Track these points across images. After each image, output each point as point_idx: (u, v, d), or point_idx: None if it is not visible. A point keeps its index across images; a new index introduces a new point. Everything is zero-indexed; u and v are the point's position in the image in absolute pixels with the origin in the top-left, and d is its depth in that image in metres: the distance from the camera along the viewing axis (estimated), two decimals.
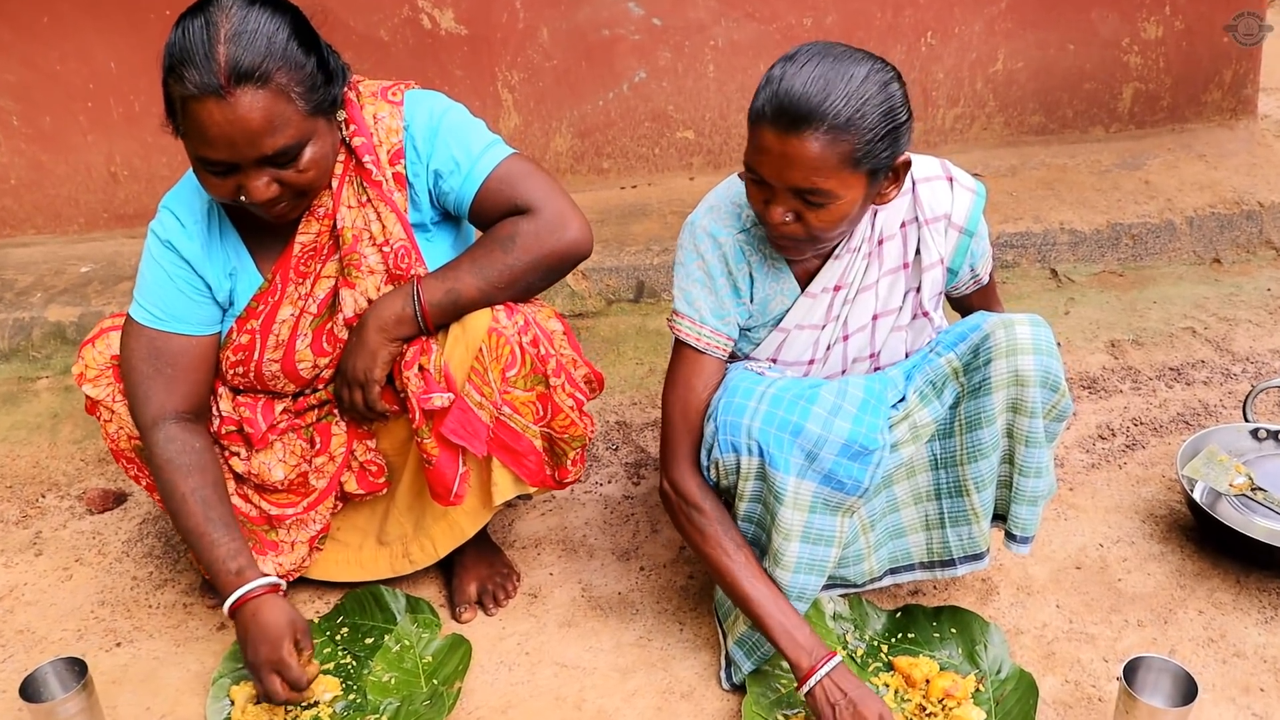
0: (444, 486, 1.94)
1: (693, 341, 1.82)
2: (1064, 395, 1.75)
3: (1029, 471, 1.80)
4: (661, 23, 3.17)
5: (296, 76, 1.65)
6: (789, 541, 1.75)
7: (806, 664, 1.72)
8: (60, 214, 3.41)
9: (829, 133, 1.53)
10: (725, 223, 1.79)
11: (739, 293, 1.82)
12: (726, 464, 1.75)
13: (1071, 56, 3.20)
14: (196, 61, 1.58)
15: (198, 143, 1.65)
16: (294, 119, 1.67)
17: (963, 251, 1.84)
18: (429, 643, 2.03)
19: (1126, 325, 2.78)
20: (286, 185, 1.71)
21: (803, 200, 1.60)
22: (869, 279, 1.82)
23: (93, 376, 1.98)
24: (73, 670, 1.88)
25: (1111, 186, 3.09)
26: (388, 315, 1.85)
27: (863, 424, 1.72)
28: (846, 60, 1.57)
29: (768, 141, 1.57)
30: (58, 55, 3.19)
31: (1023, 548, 1.87)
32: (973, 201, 1.82)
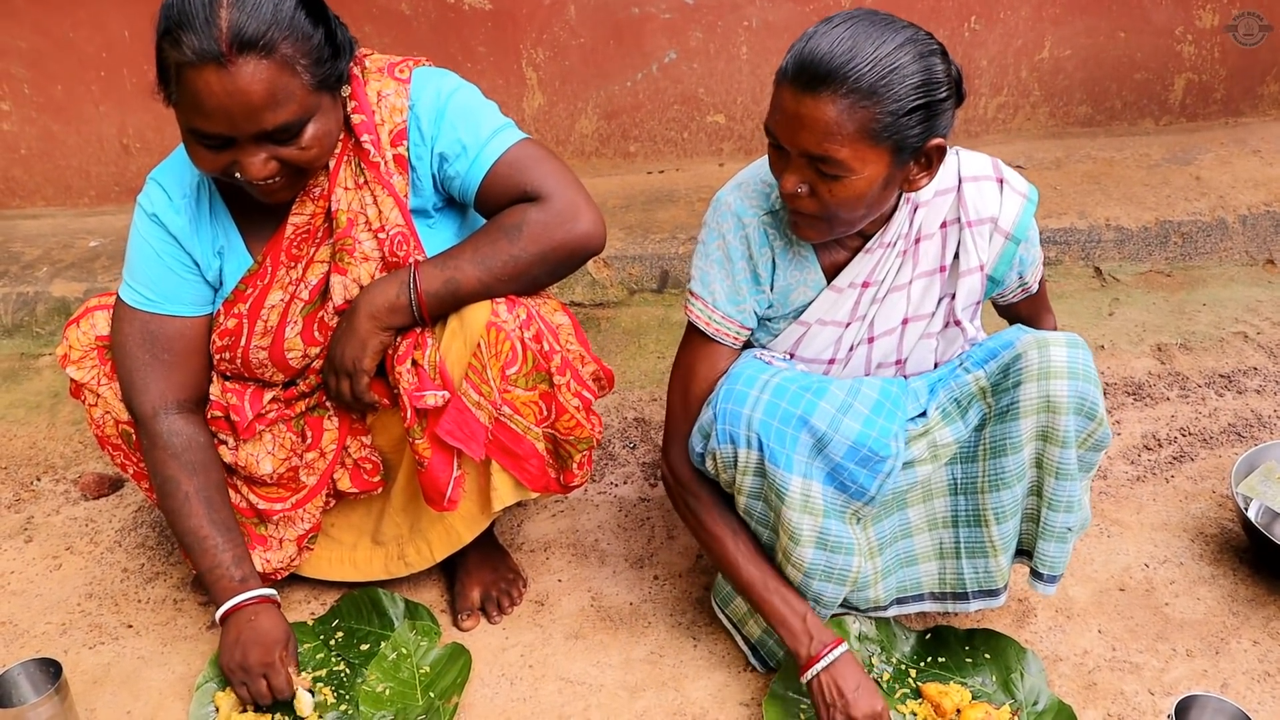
0: (437, 491, 1.82)
1: (702, 326, 1.71)
2: (1101, 424, 1.60)
3: (1058, 506, 1.65)
4: (694, 2, 3.03)
5: (303, 48, 1.53)
6: (799, 546, 1.62)
7: (806, 653, 1.65)
8: (70, 186, 3.31)
9: (848, 97, 1.41)
10: (752, 201, 1.66)
11: (758, 279, 1.68)
12: (724, 456, 1.62)
13: (1122, 45, 3.04)
14: (196, 26, 1.46)
15: (191, 113, 1.53)
16: (297, 93, 1.54)
17: (1008, 259, 1.69)
18: (427, 652, 1.92)
19: (1174, 328, 2.63)
20: (285, 163, 1.59)
21: (817, 170, 1.47)
22: (901, 279, 1.68)
23: (77, 358, 1.89)
24: (46, 672, 1.80)
25: (1161, 182, 2.93)
26: (380, 302, 1.72)
27: (874, 427, 1.58)
28: (884, 26, 1.44)
29: (784, 101, 1.46)
30: (70, 22, 3.09)
31: (1049, 587, 1.74)
32: (1022, 207, 1.66)
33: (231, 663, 1.78)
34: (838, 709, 1.61)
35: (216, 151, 1.57)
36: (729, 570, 1.72)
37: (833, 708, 1.61)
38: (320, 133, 1.61)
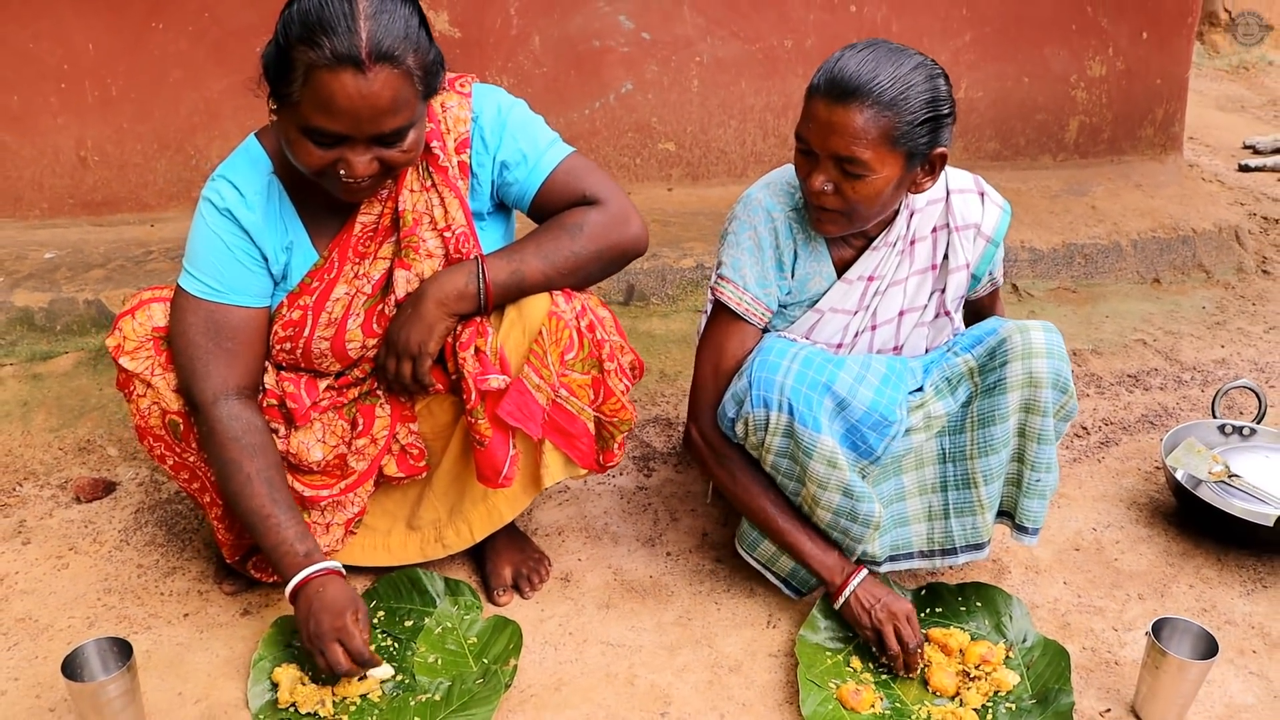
0: (494, 469, 1.96)
1: (733, 305, 1.94)
2: (1071, 397, 1.92)
3: (1040, 467, 1.95)
4: (650, 37, 3.28)
5: (421, 62, 1.69)
6: (826, 491, 1.87)
7: (838, 579, 1.93)
8: (22, 197, 3.28)
9: (873, 107, 1.70)
10: (779, 199, 1.93)
11: (782, 267, 1.94)
12: (757, 418, 1.86)
13: (1026, 89, 3.45)
14: (338, 31, 1.59)
15: (315, 111, 1.64)
16: (412, 101, 1.70)
17: (988, 259, 2.00)
18: (471, 624, 2.04)
19: (1085, 336, 3.00)
20: (385, 164, 1.74)
21: (842, 170, 1.75)
22: (900, 274, 1.96)
23: (131, 349, 1.92)
24: (114, 650, 1.84)
25: (1063, 210, 3.34)
26: (450, 289, 1.87)
27: (884, 395, 1.86)
28: (899, 52, 1.75)
29: (817, 110, 1.74)
30: (30, 33, 3.09)
31: (1032, 539, 2.03)
32: (1000, 216, 1.99)
33: (307, 635, 1.83)
34: (877, 609, 1.89)
35: (326, 148, 1.69)
36: (761, 517, 1.96)
37: (871, 610, 1.89)
38: (418, 138, 1.76)
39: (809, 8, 3.28)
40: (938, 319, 2.02)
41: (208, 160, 3.27)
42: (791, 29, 3.30)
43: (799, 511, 1.96)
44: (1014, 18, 3.34)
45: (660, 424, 2.75)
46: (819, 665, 1.93)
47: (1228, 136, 4.64)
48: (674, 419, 2.76)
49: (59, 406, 2.80)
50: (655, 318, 3.15)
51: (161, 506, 2.45)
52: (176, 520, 2.40)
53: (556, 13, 3.24)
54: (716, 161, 3.47)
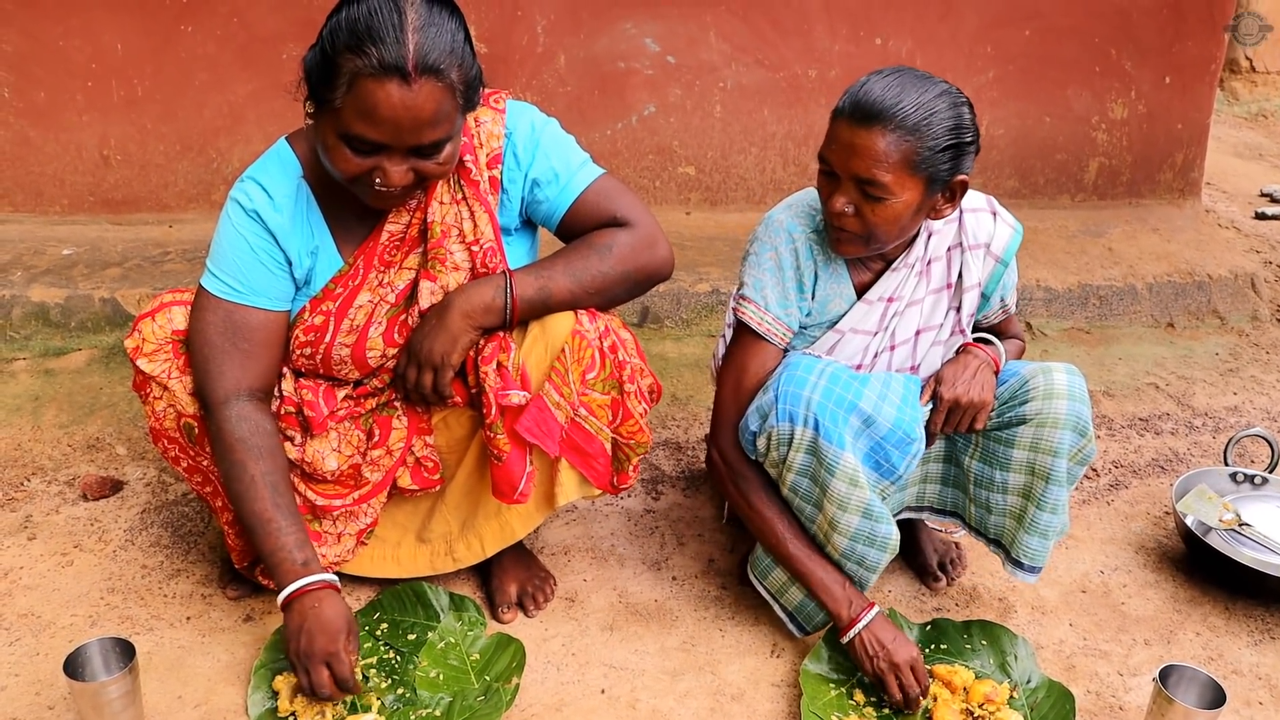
0: (510, 485, 1.95)
1: (754, 325, 1.94)
2: (1090, 440, 1.92)
3: (1045, 506, 1.95)
4: (675, 60, 3.29)
5: (463, 77, 1.70)
6: (845, 512, 1.86)
7: (847, 615, 1.90)
8: (43, 193, 3.29)
9: (896, 131, 1.71)
10: (801, 220, 1.94)
11: (803, 288, 1.95)
12: (780, 433, 1.85)
13: (1047, 128, 3.46)
14: (386, 42, 1.60)
15: (357, 118, 1.65)
16: (452, 115, 1.70)
17: (996, 279, 2.01)
18: (475, 640, 2.04)
19: (1097, 378, 3.00)
20: (419, 174, 1.74)
21: (863, 193, 1.76)
22: (917, 294, 1.98)
23: (149, 351, 1.92)
24: (116, 651, 1.83)
25: (1079, 250, 3.34)
26: (477, 302, 1.87)
27: (905, 414, 1.87)
28: (924, 79, 1.76)
29: (841, 133, 1.75)
30: (62, 30, 3.11)
31: (1030, 576, 2.02)
32: (1011, 236, 2.00)
33: (296, 650, 1.80)
34: (880, 657, 1.87)
35: (364, 156, 1.69)
36: (774, 543, 1.95)
37: (875, 657, 1.87)
38: (454, 151, 1.77)
39: (834, 38, 3.30)
40: (952, 337, 2.05)
41: (229, 163, 3.29)
42: (816, 59, 3.32)
43: (813, 540, 1.96)
44: (1038, 57, 3.35)
45: (670, 447, 2.74)
46: (822, 697, 1.92)
47: (1245, 184, 4.65)
48: (684, 442, 2.76)
49: (70, 403, 2.81)
50: (669, 341, 3.15)
51: (168, 508, 2.45)
52: (182, 522, 2.40)
53: (583, 33, 3.26)
54: (736, 187, 3.48)
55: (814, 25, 3.28)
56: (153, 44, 3.14)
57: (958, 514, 2.13)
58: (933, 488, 2.13)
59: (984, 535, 2.08)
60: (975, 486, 2.04)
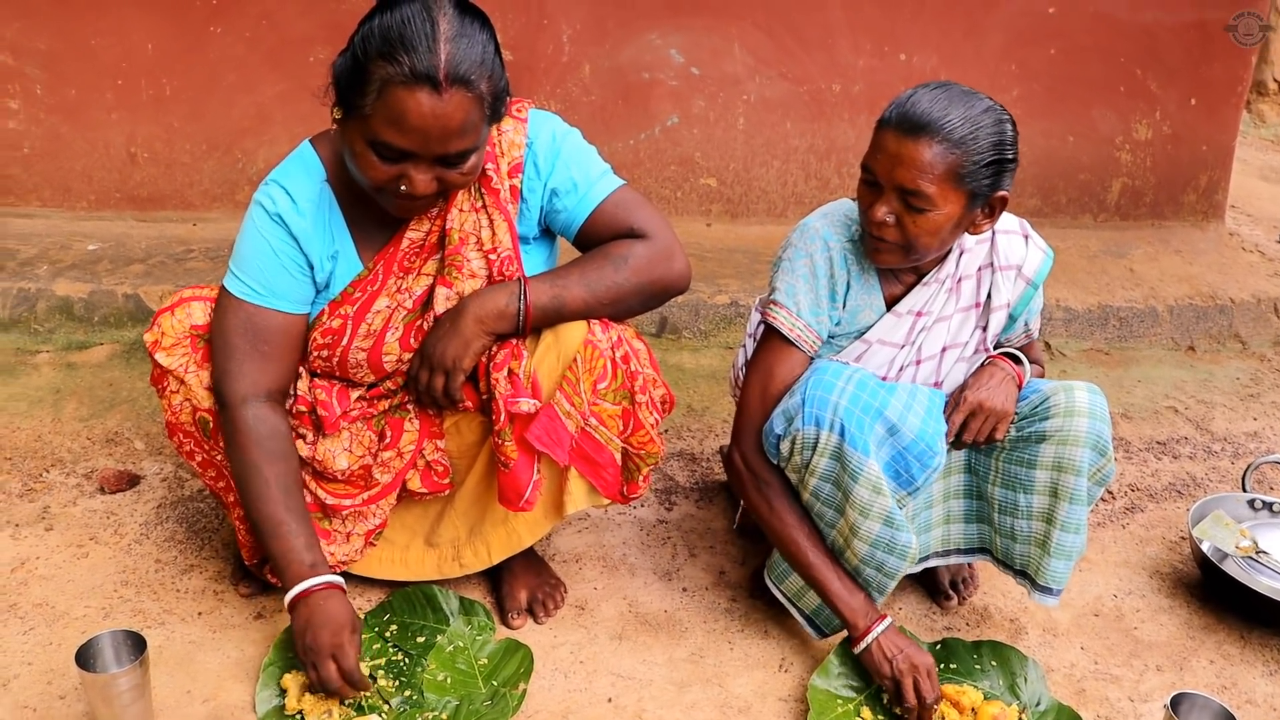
0: (516, 492, 1.96)
1: (785, 331, 1.95)
2: (1109, 460, 1.92)
3: (1069, 528, 1.94)
4: (699, 72, 3.30)
5: (492, 89, 1.71)
6: (867, 519, 1.86)
7: (862, 624, 1.91)
8: (71, 189, 3.33)
9: (942, 143, 1.72)
10: (836, 229, 1.96)
11: (834, 296, 1.96)
12: (806, 437, 1.85)
13: (1070, 148, 3.45)
14: (419, 50, 1.61)
15: (386, 125, 1.66)
16: (479, 126, 1.72)
17: (1025, 301, 2.01)
18: (484, 645, 2.04)
19: (1115, 400, 2.98)
20: (444, 184, 1.75)
21: (905, 203, 1.77)
22: (946, 310, 1.98)
23: (168, 345, 1.94)
24: (128, 644, 1.85)
25: (1100, 271, 3.33)
26: (490, 308, 1.87)
27: (929, 426, 1.87)
28: (970, 94, 1.78)
29: (887, 142, 1.76)
30: (94, 30, 3.15)
31: (1053, 599, 2.01)
32: (1042, 260, 2.01)
33: (303, 646, 1.84)
34: (899, 659, 1.87)
35: (390, 163, 1.70)
36: (792, 549, 1.95)
37: (894, 659, 1.87)
38: (478, 162, 1.78)
39: (858, 54, 3.30)
40: (976, 354, 2.05)
41: (254, 164, 3.32)
42: (840, 73, 3.32)
43: (830, 548, 1.96)
44: (1063, 76, 3.35)
45: (684, 458, 2.74)
46: (830, 713, 1.91)
47: (1270, 207, 4.62)
48: (699, 453, 2.76)
49: (90, 396, 2.83)
50: (686, 352, 3.16)
51: (183, 503, 2.47)
52: (197, 518, 2.42)
53: (609, 43, 3.27)
54: (757, 200, 3.48)
55: (838, 40, 3.29)
56: (183, 44, 3.17)
57: (985, 549, 2.11)
58: (957, 528, 2.11)
59: (1010, 567, 2.07)
60: (1000, 514, 2.02)
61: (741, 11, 3.25)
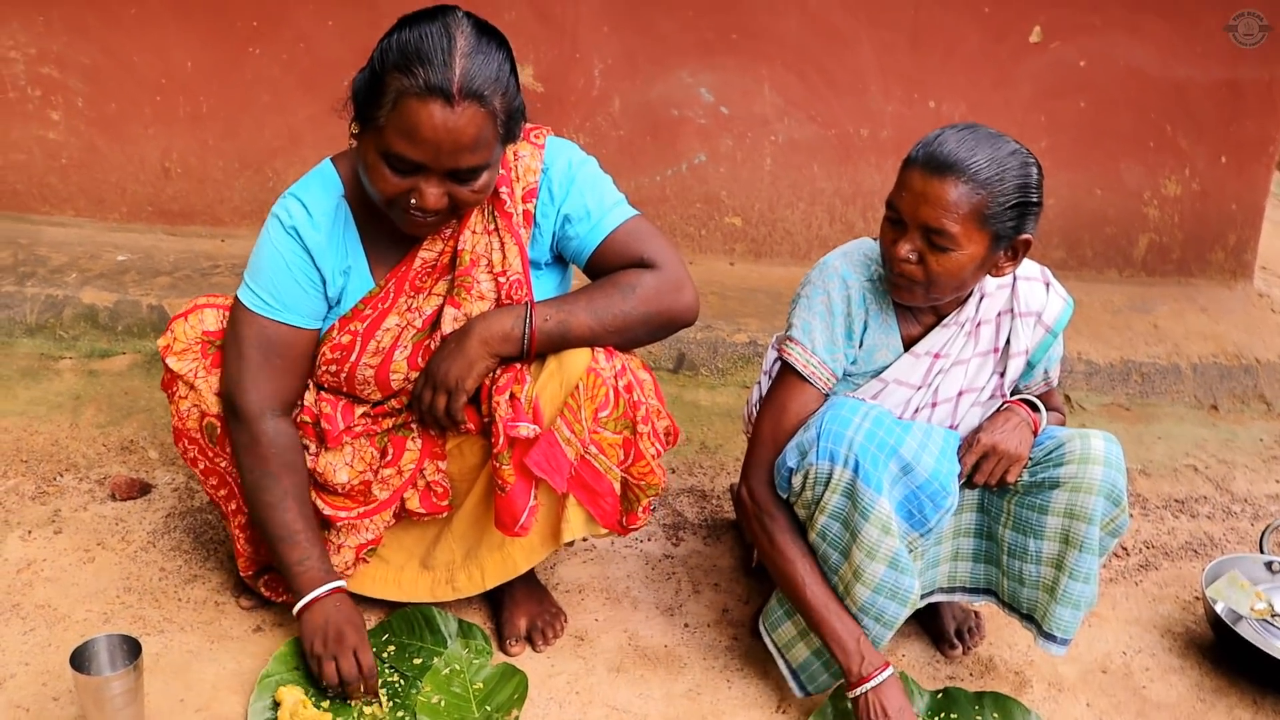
0: (512, 516, 1.95)
1: (799, 367, 1.94)
2: (1123, 511, 1.89)
3: (1079, 576, 1.91)
4: (729, 111, 3.33)
5: (505, 107, 1.73)
6: (873, 560, 1.83)
7: (858, 671, 1.86)
8: (104, 200, 3.39)
9: (967, 184, 1.73)
10: (856, 268, 1.95)
11: (851, 335, 1.95)
12: (819, 471, 1.83)
13: (1098, 201, 3.44)
14: (435, 64, 1.64)
15: (399, 137, 1.68)
16: (491, 143, 1.74)
17: (1044, 348, 2.00)
18: (480, 670, 2.03)
19: (1134, 455, 2.95)
20: (454, 200, 1.77)
21: (929, 241, 1.77)
22: (964, 354, 1.97)
23: (179, 350, 1.97)
24: (123, 648, 1.85)
25: (1124, 325, 3.30)
26: (496, 330, 1.88)
27: (943, 466, 1.85)
28: (997, 137, 1.79)
29: (913, 180, 1.77)
30: (136, 47, 3.22)
31: (1059, 649, 1.98)
32: (1063, 308, 2.00)
33: (320, 642, 1.88)
34: None
35: (403, 176, 1.73)
36: (795, 587, 1.91)
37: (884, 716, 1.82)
38: (489, 181, 1.79)
39: (888, 99, 3.31)
40: (992, 399, 2.03)
41: (285, 183, 3.35)
42: (869, 118, 3.33)
43: (834, 590, 1.92)
44: (1091, 128, 3.34)
45: (695, 494, 2.73)
46: None
47: None
48: (709, 491, 2.74)
49: (109, 404, 2.86)
50: (703, 389, 3.15)
51: (192, 514, 2.48)
52: (205, 529, 2.43)
53: (640, 78, 3.30)
54: (781, 241, 3.49)
55: (868, 85, 3.30)
56: (220, 63, 3.23)
57: (991, 591, 2.08)
58: (964, 565, 2.08)
59: (1016, 610, 2.04)
60: (1009, 558, 1.99)
61: (773, 53, 3.27)
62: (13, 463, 2.63)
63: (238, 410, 1.93)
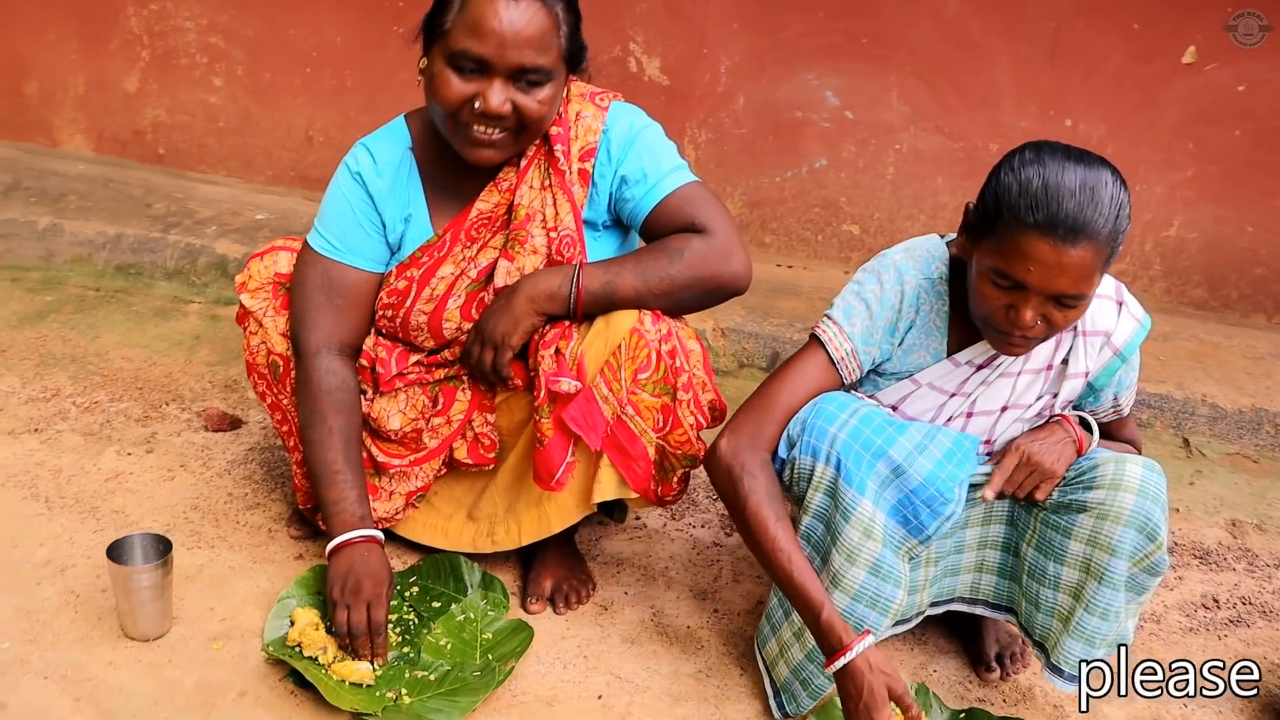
0: (548, 470, 1.96)
1: (830, 348, 1.82)
2: (1160, 547, 1.72)
3: (1094, 610, 1.76)
4: (853, 116, 3.26)
5: (568, 19, 1.82)
6: (853, 566, 1.73)
7: (837, 643, 1.67)
8: (252, 163, 3.63)
9: (1098, 240, 1.57)
10: (916, 264, 1.83)
11: (894, 331, 1.83)
12: (802, 468, 1.76)
13: (1247, 238, 3.17)
14: None
15: (465, 34, 1.76)
16: (554, 49, 1.81)
17: (1110, 372, 1.84)
18: (493, 621, 2.04)
19: (1252, 509, 2.69)
20: (518, 111, 1.82)
21: (1057, 303, 1.62)
22: (1013, 368, 1.83)
23: (254, 288, 2.08)
24: (158, 547, 1.97)
25: (1263, 374, 3.02)
26: (543, 288, 1.90)
27: (944, 470, 1.72)
28: (1094, 164, 1.60)
29: (1041, 252, 1.57)
30: (293, 21, 3.45)
31: (1064, 683, 1.83)
32: (1135, 330, 1.83)
33: (340, 589, 1.88)
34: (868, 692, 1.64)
35: (466, 79, 1.79)
36: (769, 548, 1.73)
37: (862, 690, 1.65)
38: (552, 96, 1.84)
39: (1021, 115, 3.17)
40: (1039, 418, 1.88)
41: None
42: (1000, 133, 3.19)
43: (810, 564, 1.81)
44: (1245, 160, 3.09)
45: None
46: None
47: None
48: None
49: (223, 346, 3.04)
50: None
51: (271, 450, 2.60)
52: (278, 464, 2.55)
53: (765, 78, 3.28)
54: None
55: (1002, 98, 3.17)
56: (367, 40, 3.42)
57: (1013, 610, 1.94)
58: (989, 579, 1.95)
59: (1031, 636, 1.89)
60: (1028, 578, 1.85)
61: (904, 60, 3.19)
62: (129, 388, 2.84)
63: (298, 347, 2.01)
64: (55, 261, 3.38)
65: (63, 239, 3.39)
